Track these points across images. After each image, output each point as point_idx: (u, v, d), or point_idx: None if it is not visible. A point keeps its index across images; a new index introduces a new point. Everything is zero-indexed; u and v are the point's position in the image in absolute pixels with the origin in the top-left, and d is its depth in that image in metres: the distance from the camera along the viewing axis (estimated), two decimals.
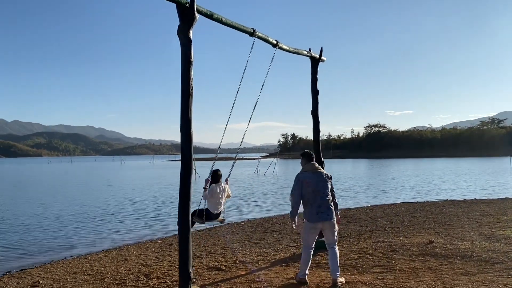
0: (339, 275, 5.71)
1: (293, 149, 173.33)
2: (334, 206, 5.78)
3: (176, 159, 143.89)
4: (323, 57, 8.74)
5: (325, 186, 5.75)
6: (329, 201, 5.72)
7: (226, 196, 6.93)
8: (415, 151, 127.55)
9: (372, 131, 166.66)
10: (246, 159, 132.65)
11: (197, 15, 5.18)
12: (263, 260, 7.61)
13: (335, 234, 5.77)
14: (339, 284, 5.61)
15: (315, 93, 8.63)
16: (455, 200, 17.84)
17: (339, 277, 5.69)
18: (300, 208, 5.80)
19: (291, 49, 7.84)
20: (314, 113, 8.66)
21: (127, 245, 10.87)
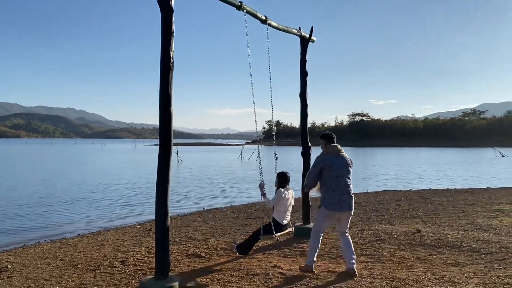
0: (355, 264, 5.29)
1: (278, 136, 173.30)
2: None
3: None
4: (313, 37, 8.35)
5: (348, 172, 5.36)
6: (351, 189, 5.33)
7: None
8: (398, 141, 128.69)
9: (356, 119, 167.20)
10: (230, 145, 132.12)
11: None
12: None
13: (349, 222, 5.46)
14: (357, 274, 5.20)
15: (304, 74, 8.25)
16: (437, 190, 17.84)
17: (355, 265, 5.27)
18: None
19: (280, 26, 7.42)
20: (303, 96, 8.29)
21: (104, 229, 10.43)
